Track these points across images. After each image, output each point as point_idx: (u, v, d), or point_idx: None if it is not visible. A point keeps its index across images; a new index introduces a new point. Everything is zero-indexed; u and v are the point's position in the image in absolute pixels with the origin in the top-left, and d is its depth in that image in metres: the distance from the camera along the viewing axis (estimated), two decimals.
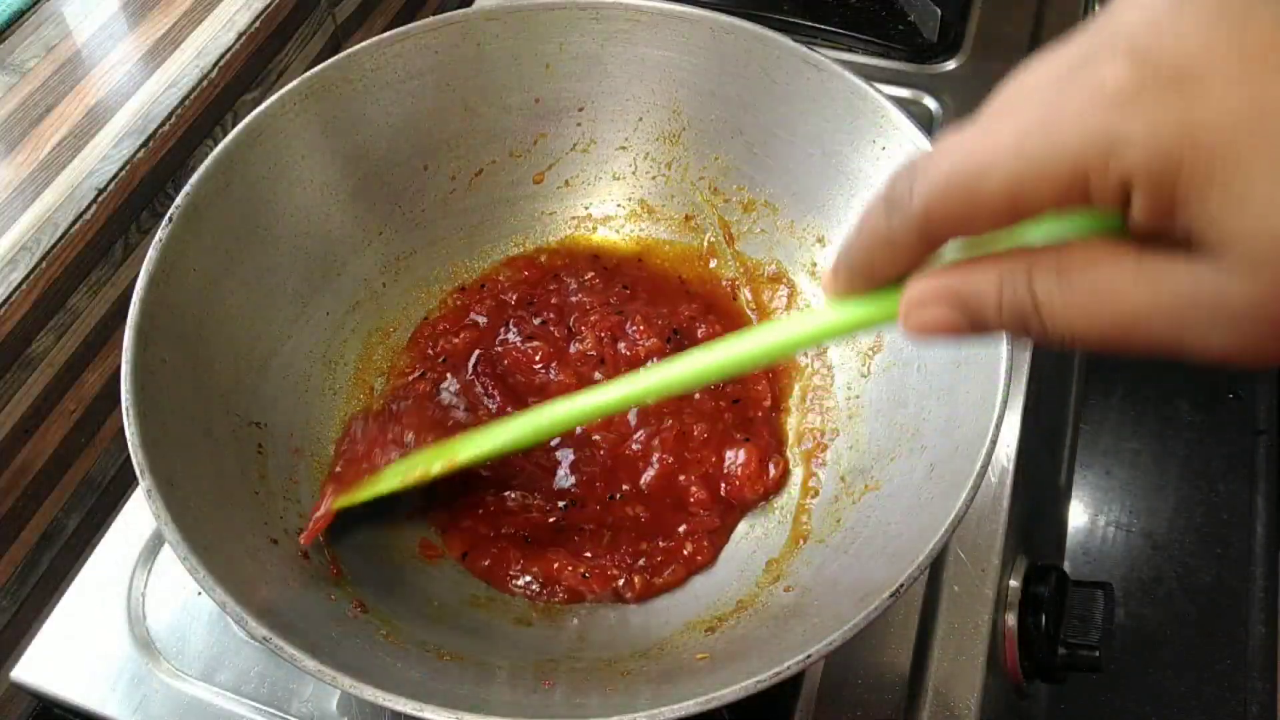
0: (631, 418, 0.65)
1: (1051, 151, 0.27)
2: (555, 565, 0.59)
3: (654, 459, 0.63)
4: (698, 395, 0.65)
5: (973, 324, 0.31)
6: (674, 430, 0.64)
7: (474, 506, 0.62)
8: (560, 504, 0.62)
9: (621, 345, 0.67)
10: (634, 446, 0.63)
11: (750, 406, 0.65)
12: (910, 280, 0.33)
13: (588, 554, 0.60)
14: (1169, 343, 0.28)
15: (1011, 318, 0.30)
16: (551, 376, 0.66)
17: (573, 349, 0.67)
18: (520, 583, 0.59)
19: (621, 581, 0.59)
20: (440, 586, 0.59)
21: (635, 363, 0.67)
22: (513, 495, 0.62)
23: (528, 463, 0.63)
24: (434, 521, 0.62)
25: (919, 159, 0.30)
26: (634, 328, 0.67)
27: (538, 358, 0.67)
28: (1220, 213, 0.26)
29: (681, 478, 0.62)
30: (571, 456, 0.64)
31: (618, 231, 0.74)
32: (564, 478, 0.63)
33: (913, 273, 0.33)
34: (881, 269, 0.34)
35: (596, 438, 0.64)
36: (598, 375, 0.66)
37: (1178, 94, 0.26)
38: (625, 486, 0.62)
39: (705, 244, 0.72)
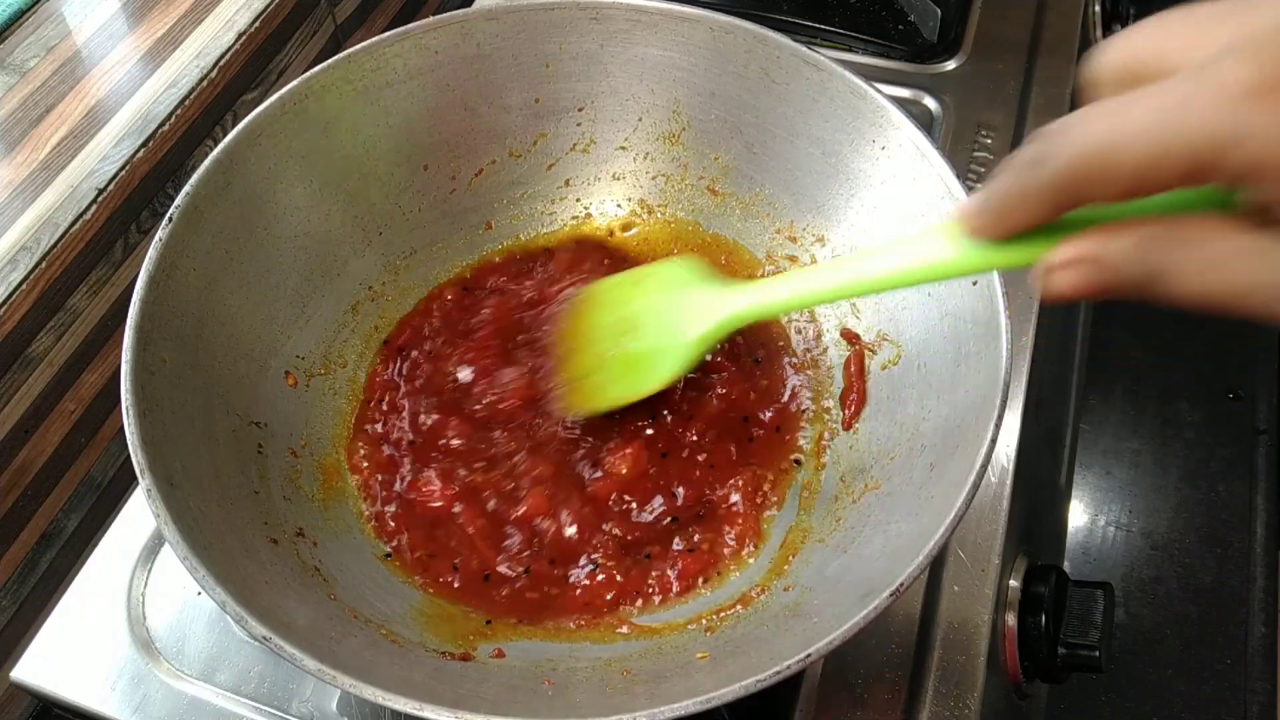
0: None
1: (1180, 139, 0.30)
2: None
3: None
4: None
5: (1105, 285, 0.35)
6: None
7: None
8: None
9: None
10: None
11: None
12: (1056, 244, 0.36)
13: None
14: (1267, 312, 0.32)
15: (1140, 281, 0.34)
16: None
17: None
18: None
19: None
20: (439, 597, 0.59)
21: None
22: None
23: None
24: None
25: (1065, 124, 0.33)
26: None
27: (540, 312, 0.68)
28: None
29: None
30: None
31: (615, 233, 0.74)
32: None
33: (1043, 228, 0.37)
34: (1014, 218, 0.37)
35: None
36: None
37: None
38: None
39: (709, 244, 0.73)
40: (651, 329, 0.60)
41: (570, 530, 0.60)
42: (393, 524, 0.61)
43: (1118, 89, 0.34)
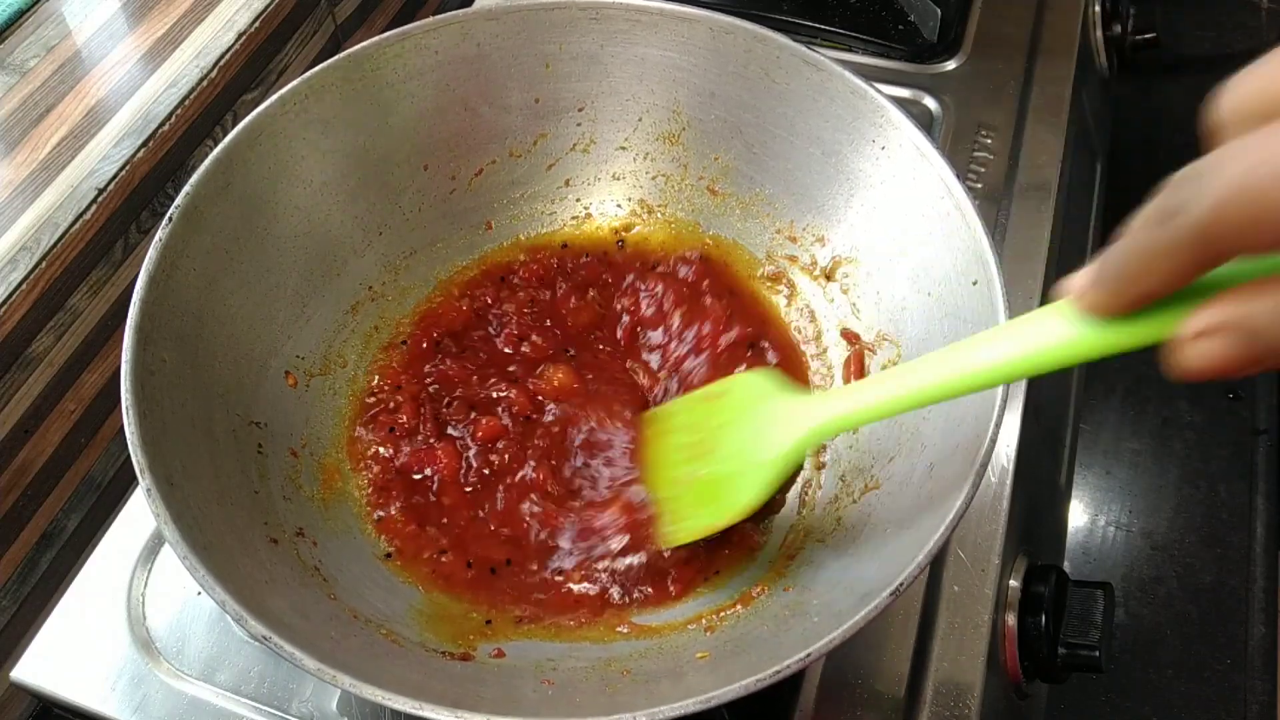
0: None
1: None
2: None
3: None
4: None
5: (1251, 356, 0.30)
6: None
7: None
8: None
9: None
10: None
11: None
12: (1189, 311, 0.31)
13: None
14: None
15: None
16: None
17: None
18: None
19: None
20: (440, 595, 0.59)
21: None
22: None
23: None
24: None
25: (1199, 167, 0.28)
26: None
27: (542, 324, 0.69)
28: None
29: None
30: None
31: (618, 233, 0.74)
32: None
33: (1173, 295, 0.31)
34: (1143, 285, 0.31)
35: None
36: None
37: None
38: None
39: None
40: (726, 451, 0.56)
41: (574, 530, 0.60)
42: (396, 519, 0.61)
43: (1250, 129, 0.28)
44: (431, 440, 0.64)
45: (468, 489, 0.62)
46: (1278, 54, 0.30)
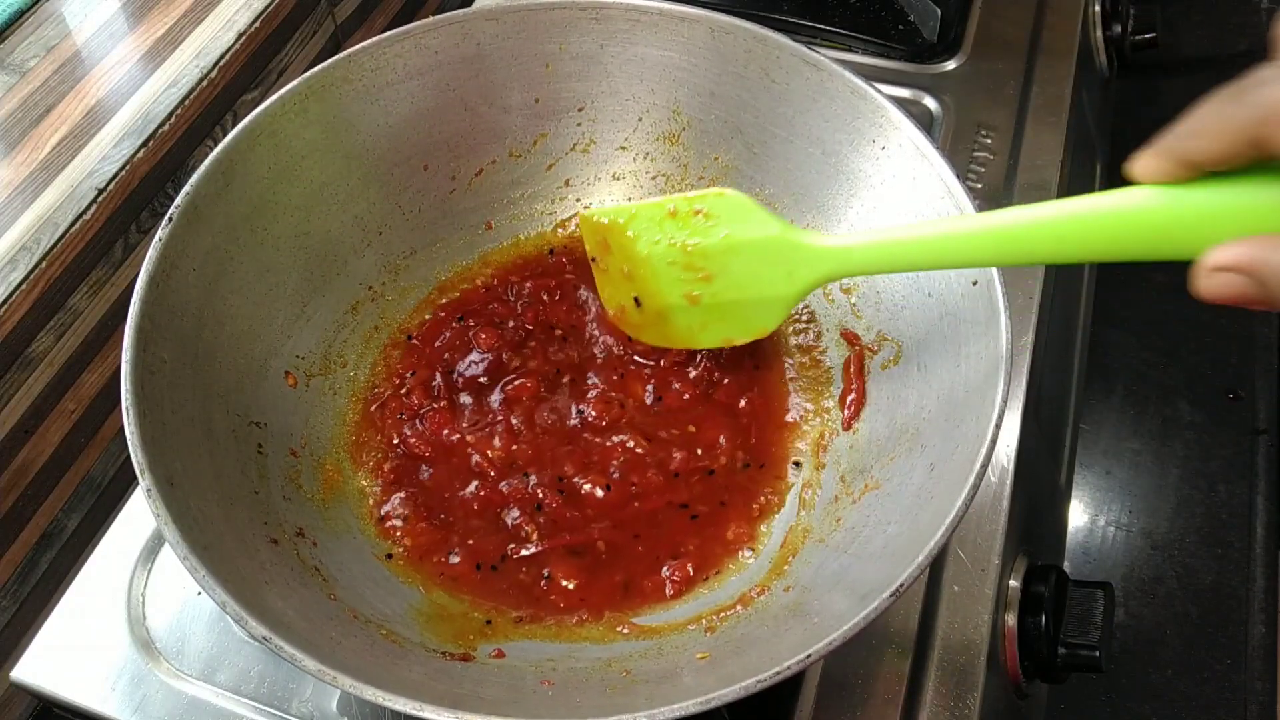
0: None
1: None
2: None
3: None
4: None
5: (1257, 299, 0.34)
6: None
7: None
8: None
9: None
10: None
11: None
12: (1213, 247, 0.34)
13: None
14: None
15: None
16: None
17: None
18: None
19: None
20: (441, 595, 0.59)
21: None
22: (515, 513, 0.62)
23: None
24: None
25: (1271, 67, 0.31)
26: None
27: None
28: None
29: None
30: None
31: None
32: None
33: (1218, 167, 0.35)
34: (1201, 146, 0.35)
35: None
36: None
37: None
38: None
39: None
40: (736, 279, 0.59)
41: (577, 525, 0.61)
42: (402, 518, 0.61)
43: None
44: (442, 405, 0.65)
45: (476, 458, 0.63)
46: None
